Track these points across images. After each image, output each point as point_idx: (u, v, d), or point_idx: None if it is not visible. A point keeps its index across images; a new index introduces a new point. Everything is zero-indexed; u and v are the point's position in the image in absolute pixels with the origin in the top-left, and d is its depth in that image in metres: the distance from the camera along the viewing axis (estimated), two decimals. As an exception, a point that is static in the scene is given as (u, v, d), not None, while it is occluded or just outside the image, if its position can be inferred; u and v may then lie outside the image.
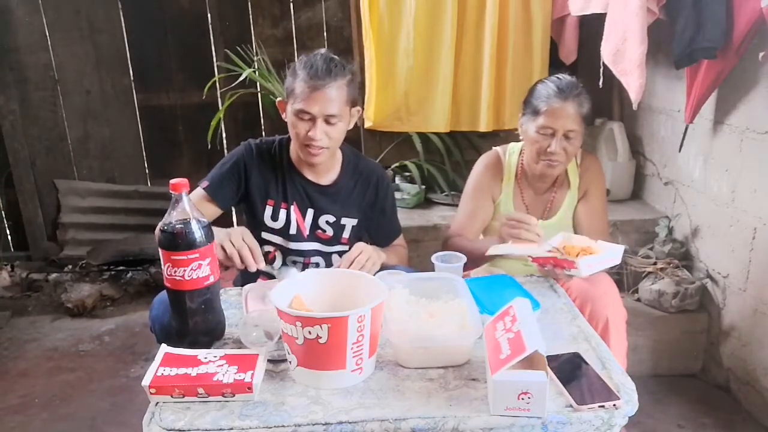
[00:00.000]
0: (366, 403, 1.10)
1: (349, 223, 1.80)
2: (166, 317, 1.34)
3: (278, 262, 1.79)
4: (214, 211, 1.70)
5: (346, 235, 1.81)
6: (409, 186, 2.98)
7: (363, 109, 2.77)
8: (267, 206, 1.74)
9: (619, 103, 2.92)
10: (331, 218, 1.78)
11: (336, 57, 1.65)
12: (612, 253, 1.48)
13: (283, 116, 1.72)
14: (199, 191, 1.70)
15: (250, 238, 1.49)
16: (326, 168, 1.76)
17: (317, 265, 1.80)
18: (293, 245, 1.76)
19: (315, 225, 1.77)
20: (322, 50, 1.68)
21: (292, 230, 1.75)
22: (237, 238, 1.46)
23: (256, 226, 1.74)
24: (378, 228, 1.88)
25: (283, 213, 1.75)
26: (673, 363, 2.43)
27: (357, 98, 1.71)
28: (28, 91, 3.42)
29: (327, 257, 1.81)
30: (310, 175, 1.76)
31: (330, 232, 1.78)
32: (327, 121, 1.61)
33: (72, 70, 3.44)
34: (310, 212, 1.76)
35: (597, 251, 1.49)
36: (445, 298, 1.36)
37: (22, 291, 3.31)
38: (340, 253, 1.80)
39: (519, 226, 1.59)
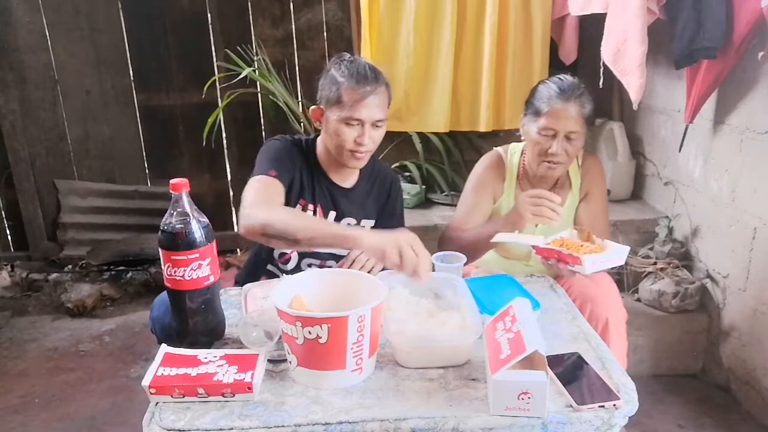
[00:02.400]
0: (366, 403, 1.10)
1: (368, 224, 1.81)
2: (167, 318, 1.34)
3: (293, 263, 1.79)
4: (282, 195, 1.62)
5: None
6: (409, 186, 2.98)
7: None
8: (298, 205, 1.72)
9: (619, 103, 2.92)
10: (353, 221, 1.78)
11: (369, 62, 1.66)
12: (617, 254, 1.48)
13: (317, 124, 1.70)
14: (263, 179, 1.59)
15: (419, 245, 1.36)
16: (350, 172, 1.77)
17: (330, 267, 1.78)
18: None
19: None
20: (347, 55, 1.67)
21: None
22: (418, 247, 1.34)
23: None
24: (385, 230, 1.87)
25: (309, 214, 1.73)
26: (673, 363, 2.43)
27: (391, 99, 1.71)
28: (28, 91, 3.42)
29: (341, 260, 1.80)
30: (336, 179, 1.76)
31: None
32: (374, 126, 1.62)
33: (72, 70, 3.43)
34: (331, 215, 1.76)
35: (603, 249, 1.50)
36: (445, 298, 1.36)
37: (22, 291, 3.31)
38: None
39: (542, 202, 1.59)
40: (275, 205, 1.55)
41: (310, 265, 1.78)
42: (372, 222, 1.81)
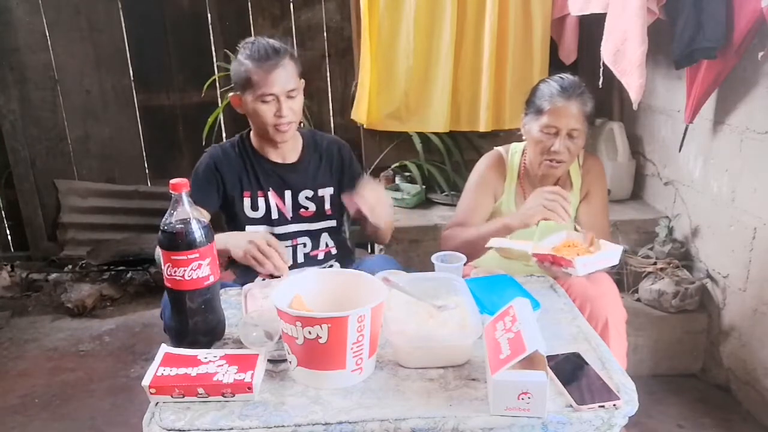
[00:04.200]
0: (366, 403, 1.10)
1: (326, 193, 1.84)
2: None
3: None
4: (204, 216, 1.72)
5: (327, 206, 1.84)
6: (409, 186, 2.97)
7: (359, 107, 2.78)
8: (245, 198, 1.77)
9: (619, 103, 2.92)
10: (309, 193, 1.82)
11: (270, 39, 1.73)
12: (610, 254, 1.48)
13: (239, 110, 1.77)
14: None
15: (274, 241, 1.51)
16: (290, 147, 1.81)
17: (304, 245, 1.82)
18: (278, 230, 1.79)
19: (296, 204, 1.81)
20: (251, 38, 1.74)
21: (274, 215, 1.78)
22: (263, 244, 1.48)
23: (239, 222, 1.77)
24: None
25: (261, 201, 1.78)
26: (673, 363, 2.43)
27: (302, 70, 1.76)
28: (28, 91, 3.42)
29: (314, 236, 1.83)
30: (276, 158, 1.80)
31: (312, 207, 1.82)
32: (288, 96, 1.68)
33: (72, 70, 3.44)
34: (287, 193, 1.80)
35: (596, 249, 1.50)
36: (445, 298, 1.36)
37: (22, 291, 3.31)
38: (327, 229, 1.84)
39: (557, 199, 1.59)
40: None
41: (287, 247, 1.80)
42: (331, 189, 1.84)
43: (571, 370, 1.17)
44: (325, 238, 1.85)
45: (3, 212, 3.61)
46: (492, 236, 1.72)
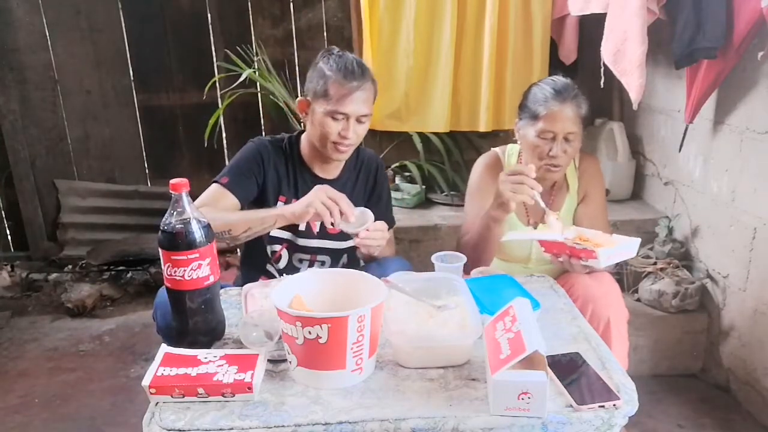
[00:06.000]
0: (366, 403, 1.10)
1: (356, 213, 1.81)
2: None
3: (284, 261, 1.79)
4: (232, 207, 1.68)
5: None
6: (409, 186, 2.98)
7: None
8: (279, 202, 1.75)
9: (619, 103, 2.92)
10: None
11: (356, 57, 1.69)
12: (628, 246, 1.49)
13: (302, 116, 1.73)
14: (216, 188, 1.68)
15: (333, 193, 1.51)
16: (336, 165, 1.79)
17: (323, 263, 1.80)
18: (301, 242, 1.77)
19: None
20: (336, 48, 1.70)
21: (302, 226, 1.76)
22: (324, 198, 1.49)
23: None
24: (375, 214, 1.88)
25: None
26: (673, 363, 2.43)
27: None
28: (28, 91, 3.42)
29: (335, 255, 1.81)
30: (319, 172, 1.78)
31: None
32: (358, 120, 1.65)
33: (72, 70, 3.44)
34: None
35: (613, 244, 1.50)
36: (445, 298, 1.36)
37: (22, 291, 3.31)
38: (348, 249, 1.81)
39: (523, 180, 1.55)
40: (214, 209, 1.59)
41: (301, 261, 1.80)
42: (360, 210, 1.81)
43: (571, 370, 1.18)
44: (344, 258, 1.83)
45: (3, 212, 3.60)
46: (484, 231, 1.72)
